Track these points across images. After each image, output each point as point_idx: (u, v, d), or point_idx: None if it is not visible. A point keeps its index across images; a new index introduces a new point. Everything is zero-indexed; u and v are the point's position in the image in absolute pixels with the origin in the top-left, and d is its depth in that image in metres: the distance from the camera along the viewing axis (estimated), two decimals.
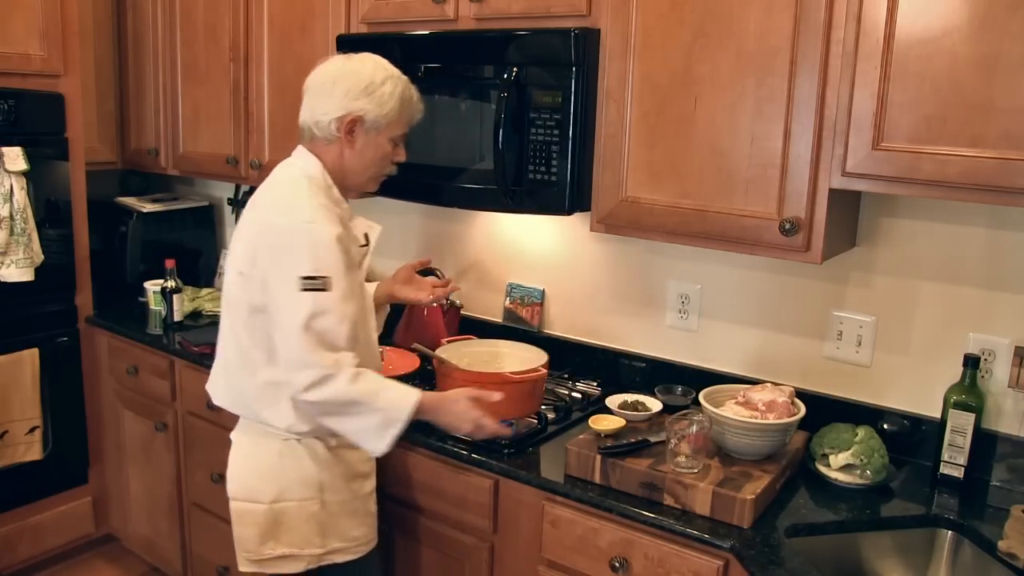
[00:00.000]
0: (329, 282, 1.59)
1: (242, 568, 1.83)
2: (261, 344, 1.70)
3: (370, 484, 1.88)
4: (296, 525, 1.76)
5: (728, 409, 1.75)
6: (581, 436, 1.84)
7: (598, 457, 1.73)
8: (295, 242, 1.61)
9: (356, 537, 1.82)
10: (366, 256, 1.83)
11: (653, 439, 1.78)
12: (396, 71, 1.73)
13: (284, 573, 1.80)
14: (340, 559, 1.81)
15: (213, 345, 1.89)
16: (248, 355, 1.73)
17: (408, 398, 1.65)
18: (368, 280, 2.54)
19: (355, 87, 1.66)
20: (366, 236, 1.86)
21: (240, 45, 2.70)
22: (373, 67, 1.69)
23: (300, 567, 1.79)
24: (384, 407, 1.63)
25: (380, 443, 1.64)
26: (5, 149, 2.58)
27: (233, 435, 1.85)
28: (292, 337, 1.59)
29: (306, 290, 1.58)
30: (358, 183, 1.78)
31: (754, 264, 2.06)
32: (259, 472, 1.78)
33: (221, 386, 1.84)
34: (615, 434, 1.81)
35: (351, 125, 1.68)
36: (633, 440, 1.77)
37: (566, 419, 2.07)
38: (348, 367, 1.61)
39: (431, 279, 2.13)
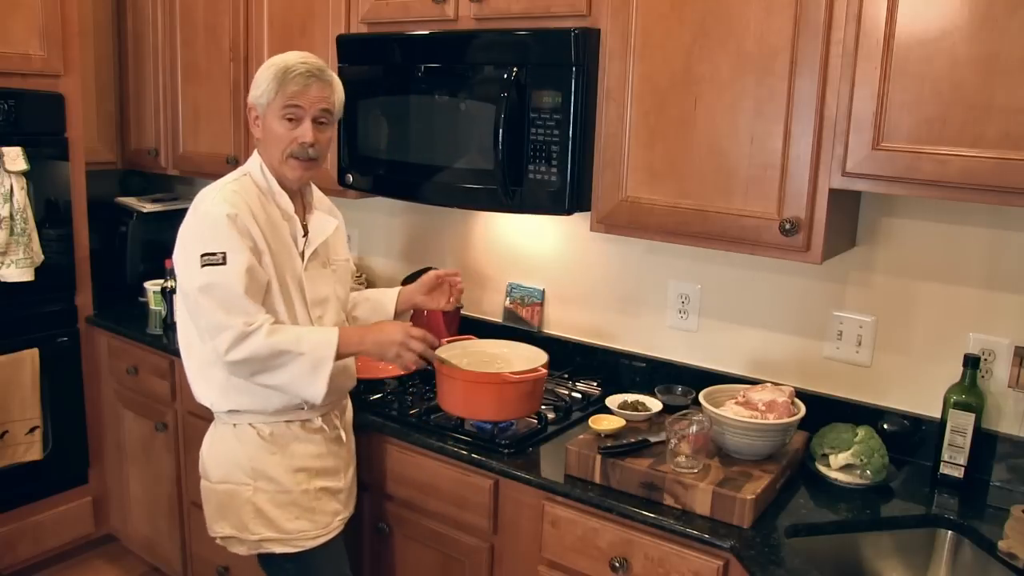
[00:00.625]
0: (226, 256, 1.68)
1: (216, 542, 1.91)
2: (188, 326, 1.82)
3: (322, 482, 1.87)
4: (236, 508, 1.82)
5: (728, 409, 1.75)
6: (581, 436, 1.84)
7: (598, 457, 1.73)
8: (195, 226, 1.74)
9: (291, 531, 1.82)
10: (306, 247, 1.85)
11: (653, 439, 1.78)
12: (290, 55, 1.78)
13: (237, 552, 1.88)
14: (277, 549, 1.83)
15: None
16: (184, 338, 1.86)
17: (330, 335, 1.73)
18: (368, 285, 2.54)
19: (253, 81, 1.79)
20: (305, 228, 1.87)
21: (240, 45, 2.70)
22: (271, 59, 1.79)
23: (244, 550, 1.86)
24: (308, 349, 1.69)
25: (315, 386, 1.70)
26: (5, 149, 2.58)
27: None
28: (204, 308, 1.68)
29: (206, 265, 1.68)
30: (277, 170, 1.81)
31: (754, 264, 2.06)
32: (211, 454, 1.89)
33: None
34: (615, 434, 1.81)
35: (252, 115, 1.81)
36: (633, 440, 1.77)
37: (566, 419, 2.07)
38: (265, 323, 1.68)
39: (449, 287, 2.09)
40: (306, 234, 1.86)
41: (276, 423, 1.83)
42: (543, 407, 2.04)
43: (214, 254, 1.67)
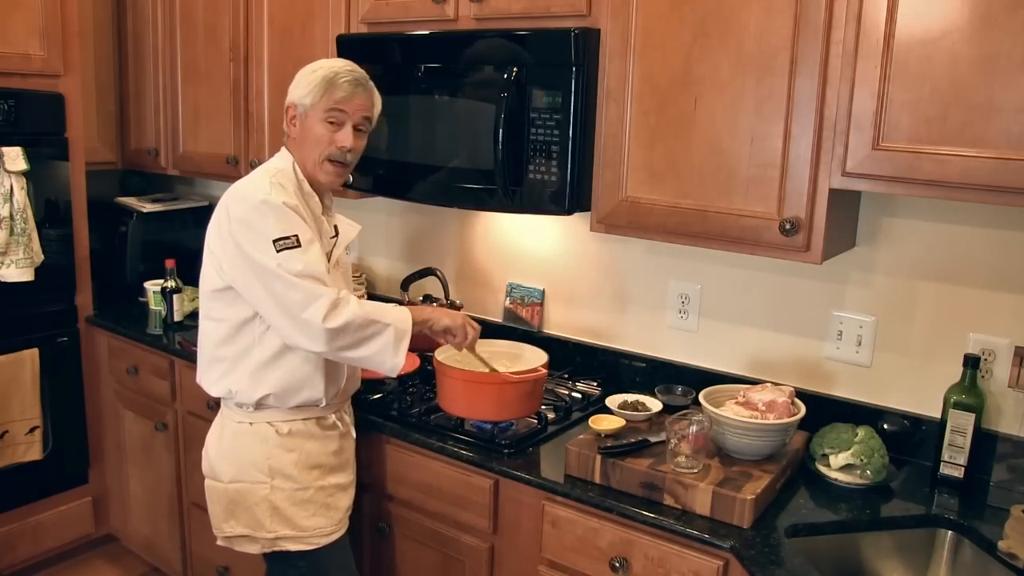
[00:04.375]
0: (298, 239, 1.70)
1: (218, 543, 1.91)
2: (220, 318, 1.81)
3: (335, 478, 1.89)
4: (250, 506, 1.83)
5: (728, 409, 1.75)
6: (581, 436, 1.84)
7: (598, 457, 1.73)
8: (257, 216, 1.70)
9: (307, 527, 1.84)
10: (335, 248, 1.88)
11: (653, 439, 1.78)
12: (337, 61, 1.82)
13: (246, 552, 1.88)
14: (292, 547, 1.84)
15: None
16: (208, 329, 1.84)
17: (404, 310, 1.80)
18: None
19: (294, 81, 1.82)
20: (335, 228, 1.91)
21: (240, 45, 2.70)
22: (316, 63, 1.82)
23: (256, 549, 1.86)
24: (392, 320, 1.74)
25: (398, 357, 1.74)
26: (5, 149, 2.58)
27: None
28: (290, 287, 1.66)
29: (283, 250, 1.68)
30: (311, 171, 1.83)
31: (754, 264, 2.06)
32: (221, 452, 1.88)
33: (199, 365, 1.92)
34: (615, 434, 1.81)
35: (290, 114, 1.83)
36: (633, 440, 1.77)
37: (566, 419, 2.07)
38: (350, 296, 1.72)
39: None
40: (335, 235, 1.90)
41: (294, 421, 1.84)
42: (543, 407, 2.04)
43: (287, 238, 1.68)
